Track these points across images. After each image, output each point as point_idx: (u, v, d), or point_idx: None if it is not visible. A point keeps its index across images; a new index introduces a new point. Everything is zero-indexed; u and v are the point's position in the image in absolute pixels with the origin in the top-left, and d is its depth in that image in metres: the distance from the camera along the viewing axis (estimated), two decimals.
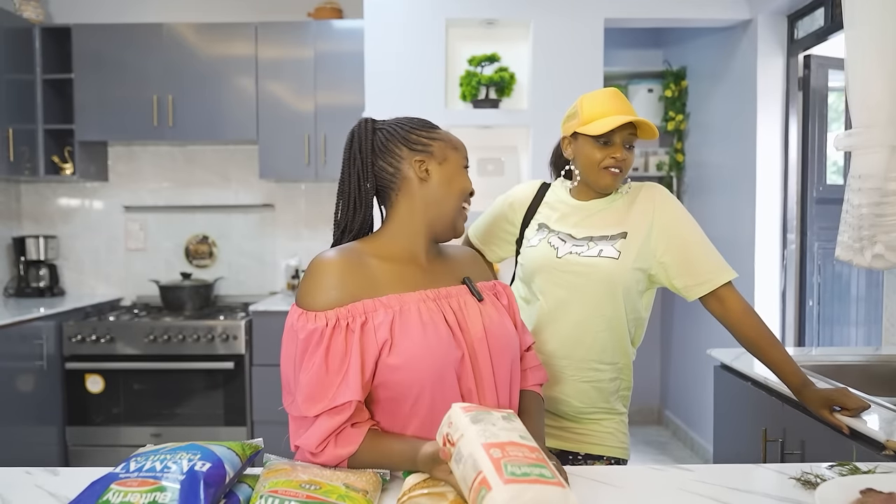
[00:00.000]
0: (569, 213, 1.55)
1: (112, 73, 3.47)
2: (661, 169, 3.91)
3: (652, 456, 3.68)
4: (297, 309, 1.10)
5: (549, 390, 1.52)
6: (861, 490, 0.95)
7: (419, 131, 1.20)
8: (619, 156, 1.46)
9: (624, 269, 1.45)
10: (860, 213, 1.97)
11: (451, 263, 1.25)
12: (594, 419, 1.53)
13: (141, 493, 0.85)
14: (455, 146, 1.22)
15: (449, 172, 1.19)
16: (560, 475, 0.88)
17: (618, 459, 1.55)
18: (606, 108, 1.46)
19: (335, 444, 1.04)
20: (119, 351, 3.25)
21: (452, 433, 0.91)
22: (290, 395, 1.09)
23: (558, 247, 1.51)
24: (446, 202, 1.19)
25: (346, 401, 1.03)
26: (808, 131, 2.92)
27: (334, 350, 1.05)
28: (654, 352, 4.23)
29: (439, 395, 1.09)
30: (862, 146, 1.97)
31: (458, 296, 1.18)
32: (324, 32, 3.46)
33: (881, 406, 1.50)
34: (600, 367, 1.50)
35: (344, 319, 1.06)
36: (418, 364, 1.07)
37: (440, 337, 1.09)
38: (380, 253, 1.16)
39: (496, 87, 3.05)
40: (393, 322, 1.08)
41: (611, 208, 1.53)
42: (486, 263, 1.76)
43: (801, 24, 2.91)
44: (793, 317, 3.00)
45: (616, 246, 1.47)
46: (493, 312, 1.21)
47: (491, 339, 1.16)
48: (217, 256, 3.88)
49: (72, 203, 3.87)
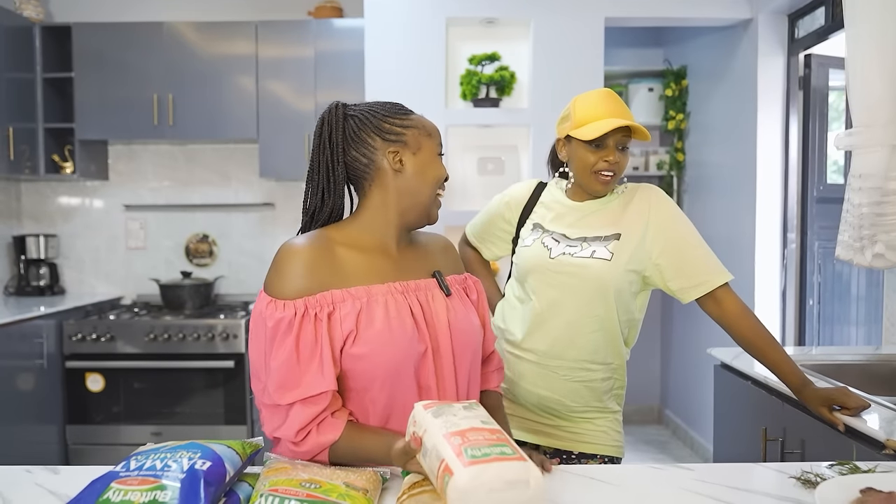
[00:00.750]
0: (564, 214, 1.55)
1: (112, 72, 3.47)
2: (662, 168, 3.91)
3: (652, 455, 3.68)
4: (265, 296, 1.09)
5: (542, 389, 1.53)
6: (861, 489, 0.95)
7: (392, 119, 1.17)
8: (612, 158, 1.45)
9: (616, 271, 1.45)
10: (861, 212, 1.97)
11: (422, 254, 1.24)
12: (587, 418, 1.54)
13: (141, 491, 0.85)
14: (429, 132, 1.19)
15: (423, 162, 1.17)
16: (528, 457, 0.88)
17: (611, 458, 1.55)
18: (599, 110, 1.45)
19: (317, 432, 1.05)
20: (119, 350, 3.25)
21: (417, 430, 0.93)
22: (261, 382, 1.09)
23: (552, 247, 1.51)
24: (421, 192, 1.17)
25: (321, 391, 1.04)
26: (808, 130, 2.92)
27: (304, 339, 1.05)
28: (654, 351, 4.23)
29: (398, 387, 1.11)
30: (862, 145, 1.97)
31: (427, 289, 1.18)
32: (324, 31, 3.46)
33: (881, 405, 1.50)
34: (592, 367, 1.50)
35: (312, 309, 1.06)
36: (380, 356, 1.08)
37: (405, 330, 1.10)
38: (350, 242, 1.15)
39: (496, 86, 3.05)
40: (359, 313, 1.08)
41: (606, 209, 1.52)
42: (483, 262, 1.76)
43: (802, 24, 2.91)
44: (793, 316, 3.00)
45: (609, 247, 1.46)
46: (460, 307, 1.21)
47: (455, 334, 1.17)
48: (217, 255, 3.88)
49: (72, 202, 3.87)
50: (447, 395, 1.15)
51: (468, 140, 3.15)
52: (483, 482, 0.82)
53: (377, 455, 1.04)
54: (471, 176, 3.15)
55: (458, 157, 3.15)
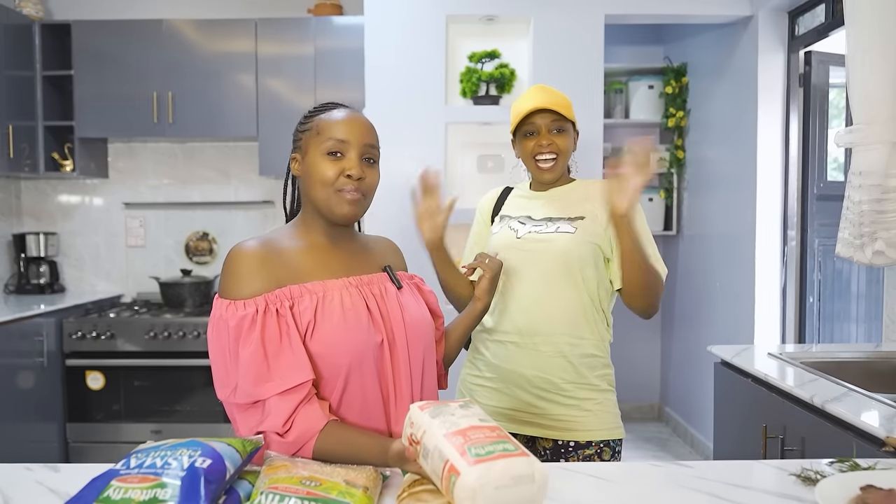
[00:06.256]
0: (528, 201, 1.65)
1: (112, 70, 3.46)
2: (662, 166, 3.91)
3: (652, 452, 3.69)
4: (222, 301, 1.09)
5: (526, 369, 1.56)
6: (861, 486, 0.95)
7: (299, 125, 1.23)
8: (545, 141, 1.55)
9: (580, 242, 1.52)
10: (861, 209, 1.97)
11: (372, 251, 1.28)
12: (578, 400, 1.55)
13: (142, 489, 0.85)
14: (318, 131, 1.18)
15: (309, 164, 1.18)
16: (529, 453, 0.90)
17: (607, 442, 1.55)
18: (526, 103, 1.57)
19: (301, 419, 1.05)
20: (119, 348, 3.25)
21: (415, 432, 0.94)
22: (228, 386, 1.08)
23: (517, 229, 1.60)
24: (314, 194, 1.18)
25: (299, 382, 1.05)
26: (808, 128, 2.92)
27: (269, 334, 1.05)
28: (654, 349, 4.23)
29: (357, 380, 1.12)
30: (862, 143, 1.97)
31: (379, 283, 1.21)
32: (324, 29, 3.45)
33: (882, 403, 1.50)
34: (573, 340, 1.54)
35: (273, 304, 1.07)
36: (338, 349, 1.09)
37: (360, 323, 1.12)
38: (296, 241, 1.18)
39: (496, 83, 3.04)
40: (316, 307, 1.10)
41: (570, 196, 1.61)
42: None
43: (802, 21, 2.90)
44: (793, 313, 3.00)
45: (574, 224, 1.55)
46: (412, 300, 1.24)
47: (408, 326, 1.19)
48: (217, 253, 3.87)
49: (72, 200, 3.87)
50: (403, 387, 1.17)
51: (468, 137, 3.15)
52: (490, 479, 0.83)
53: (369, 456, 1.04)
54: (470, 173, 3.15)
55: (457, 154, 3.15)
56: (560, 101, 1.56)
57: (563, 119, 1.56)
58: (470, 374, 1.68)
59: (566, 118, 1.56)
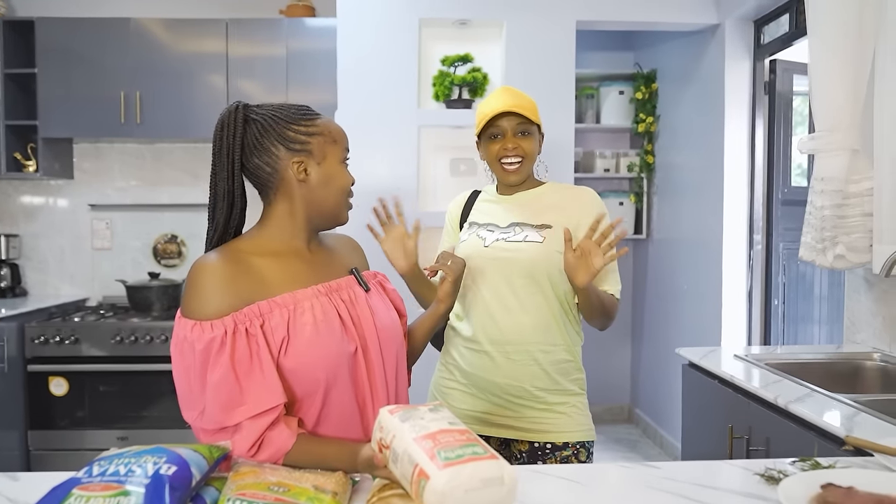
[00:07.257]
0: (495, 205, 1.65)
1: (77, 69, 3.39)
2: (632, 170, 3.96)
3: (622, 454, 3.72)
4: (186, 321, 1.04)
5: (500, 377, 1.56)
6: (822, 485, 0.97)
7: (297, 126, 1.13)
8: (510, 145, 1.55)
9: (549, 252, 1.52)
10: (822, 214, 2.02)
11: (334, 252, 1.25)
12: (550, 405, 1.56)
13: (104, 497, 0.83)
14: (334, 139, 1.17)
15: (328, 171, 1.15)
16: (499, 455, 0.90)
17: (584, 443, 1.57)
18: (491, 105, 1.56)
19: (269, 440, 1.02)
20: (84, 352, 3.18)
21: (385, 437, 0.93)
22: (195, 409, 1.05)
23: (485, 237, 1.59)
24: (327, 201, 1.16)
25: (271, 406, 1.02)
26: (773, 134, 2.99)
27: (239, 356, 1.02)
28: (624, 351, 4.28)
29: (334, 390, 1.10)
30: (825, 149, 2.02)
31: (348, 288, 1.18)
32: (296, 30, 3.43)
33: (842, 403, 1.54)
34: (545, 347, 1.55)
35: (242, 324, 1.03)
36: (314, 362, 1.06)
37: (333, 333, 1.09)
38: (262, 251, 1.13)
39: (469, 87, 3.05)
40: (288, 322, 1.06)
41: (537, 203, 1.61)
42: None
43: (767, 30, 2.97)
44: (759, 315, 3.06)
45: (541, 233, 1.55)
46: (380, 304, 1.22)
47: (380, 330, 1.17)
48: (186, 256, 3.81)
49: (35, 201, 3.78)
50: (379, 393, 1.16)
51: (441, 141, 3.15)
52: (460, 483, 0.83)
53: (340, 464, 1.03)
54: (443, 177, 3.15)
55: (430, 157, 3.15)
56: (525, 103, 1.56)
57: (529, 122, 1.56)
58: (443, 378, 1.67)
59: (531, 121, 1.56)
